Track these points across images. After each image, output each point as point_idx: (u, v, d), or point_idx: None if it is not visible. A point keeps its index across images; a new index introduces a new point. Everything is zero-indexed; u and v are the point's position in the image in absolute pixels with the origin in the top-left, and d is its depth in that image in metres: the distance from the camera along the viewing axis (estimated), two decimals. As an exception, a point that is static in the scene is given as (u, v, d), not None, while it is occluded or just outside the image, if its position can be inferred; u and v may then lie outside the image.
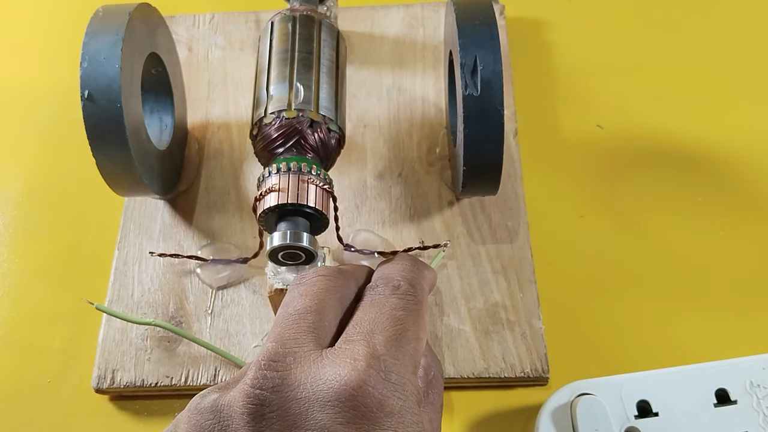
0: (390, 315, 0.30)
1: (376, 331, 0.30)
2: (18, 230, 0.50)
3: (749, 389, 0.39)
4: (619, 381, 0.39)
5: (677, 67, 0.55)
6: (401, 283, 0.32)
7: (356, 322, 0.30)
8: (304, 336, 0.29)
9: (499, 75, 0.40)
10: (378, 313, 0.31)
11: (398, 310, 0.31)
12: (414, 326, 0.31)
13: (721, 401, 0.39)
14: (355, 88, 0.54)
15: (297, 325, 0.30)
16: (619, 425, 0.38)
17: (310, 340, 0.29)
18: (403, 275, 0.33)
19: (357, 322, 0.30)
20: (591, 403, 0.38)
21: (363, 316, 0.31)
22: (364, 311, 0.31)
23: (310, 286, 0.32)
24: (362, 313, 0.31)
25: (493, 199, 0.48)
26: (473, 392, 0.43)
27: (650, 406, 0.39)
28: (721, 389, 0.39)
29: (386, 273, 0.33)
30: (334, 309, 0.31)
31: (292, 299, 0.31)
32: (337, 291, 0.32)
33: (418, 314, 0.31)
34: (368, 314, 0.31)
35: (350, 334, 0.30)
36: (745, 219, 0.48)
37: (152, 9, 0.46)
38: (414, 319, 0.31)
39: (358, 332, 0.30)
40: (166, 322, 0.44)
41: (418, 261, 0.35)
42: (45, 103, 0.56)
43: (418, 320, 0.31)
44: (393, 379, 0.28)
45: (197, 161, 0.51)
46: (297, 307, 0.31)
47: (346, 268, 0.34)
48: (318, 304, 0.31)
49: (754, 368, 0.40)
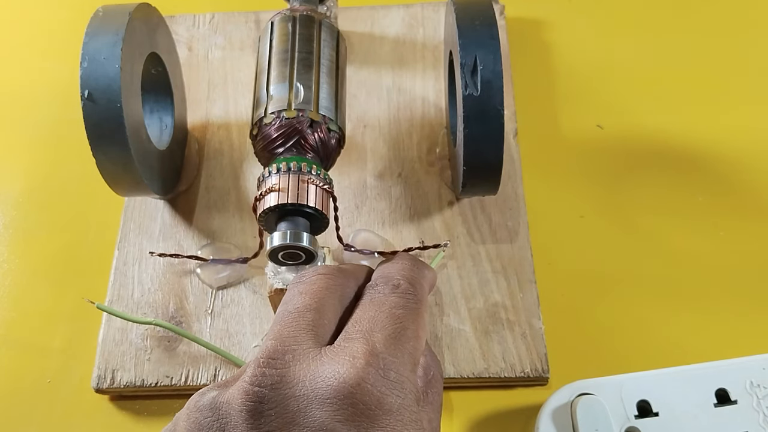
0: (389, 313, 0.30)
1: (376, 329, 0.30)
2: (18, 230, 0.50)
3: (749, 389, 0.39)
4: (619, 381, 0.39)
5: (677, 67, 0.55)
6: (401, 282, 0.32)
7: (356, 320, 0.30)
8: (303, 334, 0.29)
9: (499, 75, 0.40)
10: (377, 311, 0.31)
11: (398, 309, 0.31)
12: (413, 325, 0.31)
13: (721, 401, 0.39)
14: (355, 88, 0.54)
15: (296, 323, 0.30)
16: (620, 425, 0.38)
17: (309, 338, 0.29)
18: (403, 274, 0.33)
19: (356, 320, 0.30)
20: (591, 403, 0.38)
21: (362, 314, 0.31)
22: (364, 309, 0.31)
23: (310, 284, 0.32)
24: (362, 311, 0.31)
25: (493, 199, 0.48)
26: (473, 392, 0.43)
27: (650, 406, 0.39)
28: (721, 389, 0.39)
29: (386, 272, 0.33)
30: (333, 307, 0.31)
31: (291, 297, 0.32)
32: (337, 289, 0.32)
33: (417, 313, 0.31)
34: (368, 312, 0.31)
35: (349, 332, 0.30)
36: (745, 219, 0.48)
37: (152, 9, 0.46)
38: (413, 318, 0.31)
39: (358, 330, 0.30)
40: (166, 321, 0.44)
41: (418, 260, 0.35)
42: (45, 103, 0.56)
43: (418, 319, 0.31)
44: (392, 377, 0.28)
45: (197, 161, 0.51)
46: (296, 305, 0.31)
47: (346, 267, 0.34)
48: (317, 303, 0.31)
49: (754, 368, 0.40)
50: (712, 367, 0.40)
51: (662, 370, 0.40)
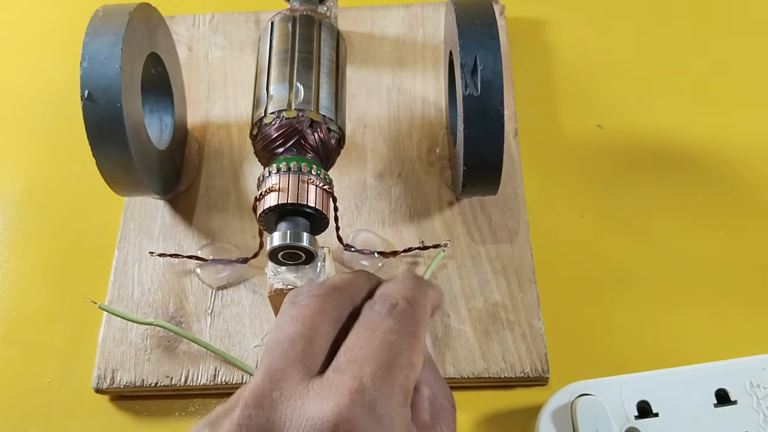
0: (382, 339, 0.30)
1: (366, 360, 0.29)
2: (18, 230, 0.50)
3: (749, 389, 0.39)
4: (619, 381, 0.39)
5: (677, 67, 0.55)
6: (399, 302, 0.31)
7: (347, 348, 0.30)
8: (292, 367, 0.29)
9: (499, 75, 0.40)
10: (370, 338, 0.30)
11: (392, 335, 0.30)
12: (408, 352, 0.30)
13: (721, 401, 0.39)
14: (355, 88, 0.54)
15: (286, 355, 0.29)
16: (620, 426, 0.38)
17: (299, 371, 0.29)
18: (403, 294, 0.32)
19: (348, 347, 0.30)
20: (591, 404, 0.38)
21: (355, 341, 0.30)
22: (357, 335, 0.30)
23: (303, 308, 0.31)
24: (355, 336, 0.30)
25: (493, 199, 0.48)
26: (473, 392, 0.43)
27: (650, 407, 0.39)
28: (721, 389, 0.39)
29: (387, 291, 0.32)
30: (326, 333, 0.31)
31: (283, 323, 0.31)
32: (332, 311, 0.31)
33: (413, 337, 0.30)
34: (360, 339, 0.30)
35: (340, 362, 0.29)
36: (745, 219, 0.48)
37: (152, 9, 0.46)
38: (408, 344, 0.30)
39: (348, 360, 0.29)
40: (166, 322, 0.44)
41: (421, 280, 0.33)
42: (45, 103, 0.56)
43: (414, 344, 0.30)
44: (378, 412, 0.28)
45: (197, 161, 0.51)
46: (288, 332, 0.30)
47: (343, 284, 0.33)
48: (309, 330, 0.30)
49: (754, 368, 0.40)
50: (711, 367, 0.40)
51: (662, 371, 0.40)
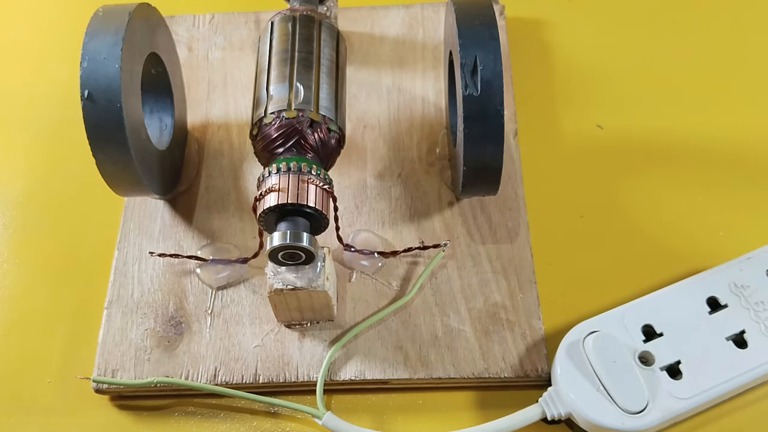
0: None
1: None
2: (18, 230, 0.50)
3: (735, 291, 0.42)
4: (619, 312, 0.42)
5: (677, 67, 0.55)
6: None
7: None
8: None
9: (499, 75, 0.40)
10: None
11: None
12: None
13: (713, 308, 0.41)
14: (355, 88, 0.54)
15: None
16: (632, 352, 0.40)
17: None
18: None
19: None
20: (602, 339, 0.40)
21: None
22: None
23: None
24: None
25: (493, 199, 0.48)
26: (473, 392, 0.43)
27: (654, 329, 0.41)
28: (711, 297, 0.42)
29: None
30: None
31: None
32: None
33: None
34: None
35: None
36: (745, 219, 0.48)
37: (152, 9, 0.46)
38: None
39: None
40: (169, 377, 0.43)
41: None
42: (45, 103, 0.56)
43: None
44: None
45: (197, 161, 0.51)
46: None
47: None
48: None
49: (732, 271, 0.43)
50: (695, 280, 0.43)
51: (653, 294, 0.42)
